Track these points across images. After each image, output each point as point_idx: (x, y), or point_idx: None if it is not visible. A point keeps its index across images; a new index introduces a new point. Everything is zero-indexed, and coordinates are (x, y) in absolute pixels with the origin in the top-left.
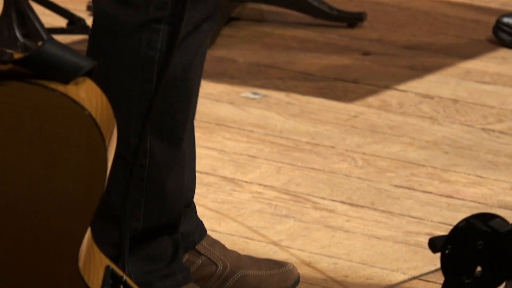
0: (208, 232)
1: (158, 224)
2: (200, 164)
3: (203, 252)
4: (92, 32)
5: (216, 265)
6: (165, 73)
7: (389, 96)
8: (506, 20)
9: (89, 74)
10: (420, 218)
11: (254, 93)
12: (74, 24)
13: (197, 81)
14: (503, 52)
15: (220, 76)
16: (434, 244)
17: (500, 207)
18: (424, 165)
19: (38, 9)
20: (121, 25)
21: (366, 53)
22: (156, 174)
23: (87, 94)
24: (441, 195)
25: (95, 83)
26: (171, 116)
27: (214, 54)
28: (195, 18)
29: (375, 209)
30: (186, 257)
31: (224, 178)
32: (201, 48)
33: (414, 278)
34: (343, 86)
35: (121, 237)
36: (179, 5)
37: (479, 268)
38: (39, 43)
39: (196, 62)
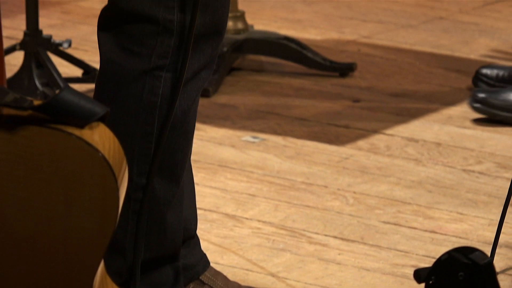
0: (212, 264)
1: (158, 255)
2: (204, 202)
3: (206, 282)
4: (99, 78)
5: None
6: (170, 118)
7: (377, 139)
8: (484, 71)
9: (103, 119)
10: (406, 252)
11: (254, 137)
12: (89, 73)
13: (194, 124)
14: None
15: (223, 121)
16: (419, 275)
17: (479, 241)
18: (409, 203)
19: (56, 60)
20: (125, 72)
21: (356, 100)
22: (156, 209)
23: (101, 137)
24: (425, 231)
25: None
26: (171, 156)
27: (217, 101)
28: (194, 66)
29: (365, 243)
30: (190, 286)
31: (226, 215)
32: (198, 94)
33: None
34: (335, 131)
35: (133, 268)
36: (180, 54)
37: None
38: (57, 91)
39: (194, 107)
